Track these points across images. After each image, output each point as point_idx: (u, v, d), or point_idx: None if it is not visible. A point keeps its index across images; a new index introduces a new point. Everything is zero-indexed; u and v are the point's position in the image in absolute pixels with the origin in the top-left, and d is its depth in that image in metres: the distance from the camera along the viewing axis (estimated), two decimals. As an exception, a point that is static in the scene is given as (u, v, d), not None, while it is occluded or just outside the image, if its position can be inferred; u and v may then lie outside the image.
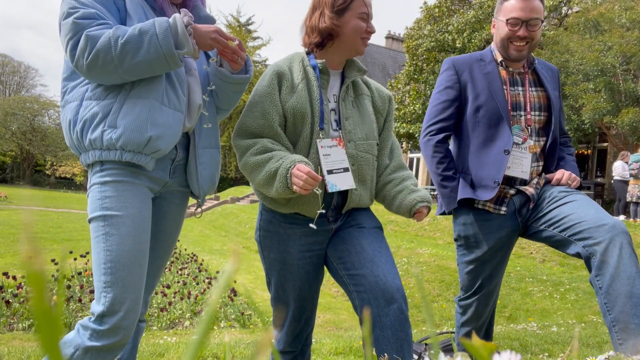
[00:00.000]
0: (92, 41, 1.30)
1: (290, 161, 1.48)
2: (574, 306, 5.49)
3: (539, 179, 1.94)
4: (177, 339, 3.90)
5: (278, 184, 1.49)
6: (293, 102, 1.60)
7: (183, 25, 1.35)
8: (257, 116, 1.60)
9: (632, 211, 9.69)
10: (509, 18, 1.87)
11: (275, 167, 1.49)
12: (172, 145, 1.45)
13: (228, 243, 13.74)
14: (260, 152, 1.55)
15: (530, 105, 1.92)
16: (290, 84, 1.63)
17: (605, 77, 11.30)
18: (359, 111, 1.71)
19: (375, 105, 1.79)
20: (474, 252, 1.96)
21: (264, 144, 1.56)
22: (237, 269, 0.22)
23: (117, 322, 1.34)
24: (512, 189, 1.92)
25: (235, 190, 27.61)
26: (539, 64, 2.00)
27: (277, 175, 1.49)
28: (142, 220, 1.41)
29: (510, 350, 0.37)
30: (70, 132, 1.41)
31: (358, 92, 1.75)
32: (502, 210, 1.91)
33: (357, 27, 1.59)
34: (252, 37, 41.20)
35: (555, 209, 1.79)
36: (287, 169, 1.47)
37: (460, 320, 2.14)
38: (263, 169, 1.52)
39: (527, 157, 1.90)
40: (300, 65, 1.66)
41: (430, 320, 0.39)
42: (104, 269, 1.35)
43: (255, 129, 1.60)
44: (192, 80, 1.53)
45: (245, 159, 1.58)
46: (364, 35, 1.61)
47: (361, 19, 1.59)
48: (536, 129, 1.93)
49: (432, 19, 16.39)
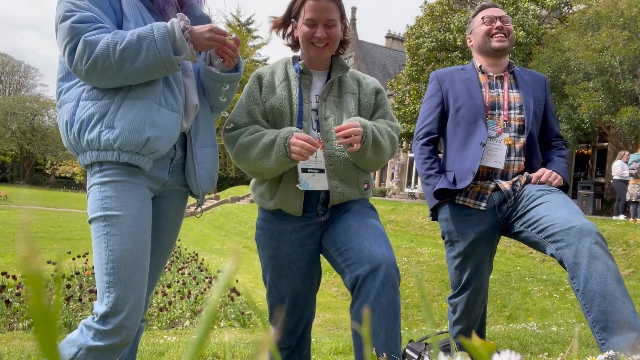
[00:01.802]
0: (91, 47, 1.29)
1: (288, 131, 1.56)
2: (574, 306, 5.49)
3: (520, 177, 2.00)
4: (177, 338, 3.91)
5: (277, 153, 1.55)
6: (272, 101, 1.68)
7: (180, 31, 1.35)
8: (243, 114, 1.70)
9: (632, 211, 9.69)
10: (483, 16, 2.12)
11: (272, 138, 1.57)
12: (170, 146, 1.45)
13: (228, 242, 13.74)
14: (254, 132, 1.64)
15: (509, 104, 2.06)
16: (270, 84, 1.72)
17: (603, 76, 11.32)
18: (340, 110, 1.71)
19: (361, 103, 1.78)
20: (457, 247, 2.05)
21: (255, 127, 1.66)
22: (237, 268, 0.22)
23: (120, 322, 1.34)
24: (491, 183, 2.00)
25: (235, 190, 27.61)
26: (521, 71, 2.16)
27: (274, 145, 1.56)
28: (143, 219, 1.41)
29: (510, 349, 0.37)
30: (68, 133, 1.40)
31: (343, 90, 1.75)
32: (481, 205, 1.99)
33: (303, 33, 1.67)
34: (252, 37, 41.19)
35: (532, 209, 1.83)
36: (286, 138, 1.54)
37: (452, 319, 2.21)
38: (259, 142, 1.59)
39: (502, 149, 2.00)
40: (283, 67, 1.76)
41: (430, 319, 0.39)
42: (106, 269, 1.35)
43: (242, 125, 1.69)
44: (189, 81, 1.53)
45: (240, 140, 1.64)
46: (312, 40, 1.65)
47: (307, 25, 1.65)
48: (516, 125, 2.04)
49: (433, 18, 16.37)
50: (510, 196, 1.97)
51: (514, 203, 1.96)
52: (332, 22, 1.64)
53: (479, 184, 2.02)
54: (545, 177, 1.94)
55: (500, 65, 2.11)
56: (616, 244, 7.22)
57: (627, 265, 6.60)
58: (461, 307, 2.12)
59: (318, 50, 1.67)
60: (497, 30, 2.06)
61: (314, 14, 1.63)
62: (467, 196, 2.02)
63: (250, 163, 1.63)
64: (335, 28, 1.66)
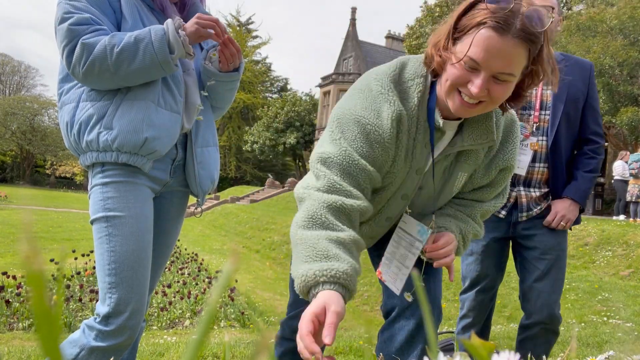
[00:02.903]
0: (88, 49, 1.29)
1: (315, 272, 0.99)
2: (574, 306, 5.49)
3: (543, 204, 1.98)
4: (177, 338, 3.90)
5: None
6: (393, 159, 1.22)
7: (174, 29, 1.35)
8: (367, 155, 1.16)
9: (632, 211, 9.68)
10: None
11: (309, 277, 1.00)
12: (169, 146, 1.44)
13: (228, 243, 13.74)
14: (308, 228, 1.06)
15: (541, 103, 1.95)
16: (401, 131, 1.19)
17: (603, 77, 11.34)
18: (441, 183, 1.31)
19: (473, 177, 1.32)
20: (470, 246, 2.08)
21: (327, 227, 1.06)
22: (237, 268, 0.22)
23: (122, 323, 1.34)
24: (513, 190, 1.98)
25: (235, 190, 27.62)
26: (562, 61, 1.94)
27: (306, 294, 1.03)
28: (145, 220, 1.41)
29: (509, 350, 0.37)
30: (68, 133, 1.41)
31: (462, 159, 1.27)
32: (501, 213, 2.00)
33: (454, 74, 1.06)
34: (252, 37, 41.10)
35: (527, 271, 2.03)
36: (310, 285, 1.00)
37: (460, 314, 2.24)
38: (300, 259, 1.03)
39: (527, 154, 1.93)
40: (415, 109, 1.17)
41: (429, 319, 0.39)
42: (108, 270, 1.35)
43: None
44: (190, 80, 1.52)
45: (294, 223, 1.10)
46: (462, 89, 1.07)
47: (465, 66, 1.04)
48: (545, 127, 1.94)
49: (433, 19, 16.39)
50: (522, 211, 1.98)
51: (524, 238, 2.01)
52: (506, 77, 1.03)
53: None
54: (555, 223, 1.95)
55: None
56: (616, 244, 7.21)
57: (627, 265, 6.60)
58: (468, 304, 2.16)
59: (464, 106, 1.08)
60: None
61: (482, 56, 1.01)
62: None
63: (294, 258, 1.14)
64: (507, 85, 1.05)
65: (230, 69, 1.54)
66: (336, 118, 1.18)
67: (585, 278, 6.35)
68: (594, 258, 7.08)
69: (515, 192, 1.98)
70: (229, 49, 1.49)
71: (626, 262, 6.70)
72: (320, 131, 29.34)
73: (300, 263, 1.02)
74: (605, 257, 7.00)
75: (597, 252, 7.24)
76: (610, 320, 4.78)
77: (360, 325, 5.97)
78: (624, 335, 4.00)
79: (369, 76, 1.21)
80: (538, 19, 1.00)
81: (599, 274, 6.57)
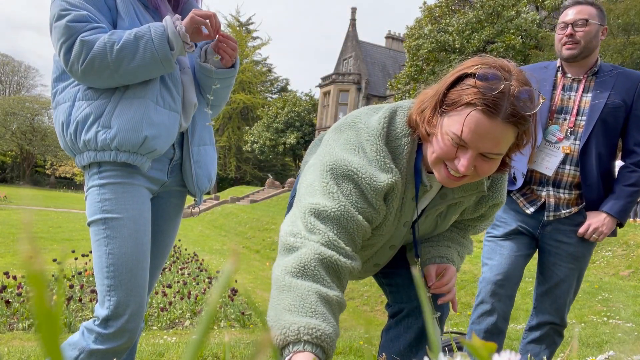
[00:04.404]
0: (88, 46, 1.28)
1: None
2: (574, 306, 5.49)
3: (573, 209, 2.01)
4: (177, 338, 3.90)
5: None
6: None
7: (173, 26, 1.35)
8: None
9: (632, 211, 9.69)
10: (560, 21, 2.04)
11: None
12: (168, 145, 1.43)
13: (228, 243, 13.74)
14: (298, 276, 1.01)
15: (579, 109, 1.99)
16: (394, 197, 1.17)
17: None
18: (437, 221, 1.32)
19: (465, 211, 1.34)
20: (495, 231, 2.15)
21: (312, 278, 1.01)
22: (237, 268, 0.22)
23: (122, 325, 1.33)
24: (543, 190, 2.02)
25: (235, 190, 27.62)
26: (610, 71, 2.00)
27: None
28: (143, 221, 1.40)
29: (510, 350, 0.37)
30: (64, 133, 1.39)
31: (459, 205, 1.29)
32: (529, 209, 2.05)
33: (441, 149, 1.05)
34: (251, 37, 41.09)
35: (547, 276, 2.10)
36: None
37: (475, 302, 2.20)
38: (284, 307, 0.96)
39: (557, 156, 1.98)
40: (403, 171, 1.16)
41: (429, 319, 0.39)
42: (107, 272, 1.34)
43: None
44: (186, 79, 1.51)
45: (281, 267, 1.04)
46: (448, 164, 1.07)
47: (452, 142, 1.02)
48: (578, 133, 1.98)
49: (433, 19, 16.39)
50: (549, 209, 2.01)
51: (550, 241, 2.06)
52: (493, 156, 1.03)
53: (533, 189, 2.05)
54: (589, 235, 1.98)
55: (580, 66, 2.02)
56: (616, 244, 7.22)
57: (627, 265, 6.60)
58: (482, 295, 2.11)
59: (450, 179, 1.08)
60: (567, 39, 1.98)
61: (470, 137, 1.00)
62: (522, 196, 2.07)
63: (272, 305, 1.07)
64: (493, 162, 1.05)
65: (231, 63, 1.54)
66: (329, 168, 1.11)
67: (585, 278, 6.35)
68: (594, 258, 7.08)
69: (544, 192, 2.02)
70: (228, 44, 1.48)
71: (626, 262, 6.70)
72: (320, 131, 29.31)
73: (284, 312, 0.95)
74: (605, 257, 7.00)
75: (597, 252, 7.24)
76: (610, 321, 4.78)
77: (360, 325, 5.97)
78: (624, 335, 4.00)
79: (360, 133, 1.13)
80: (529, 100, 0.98)
81: (599, 274, 6.57)
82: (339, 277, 1.06)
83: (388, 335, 1.48)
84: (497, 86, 0.97)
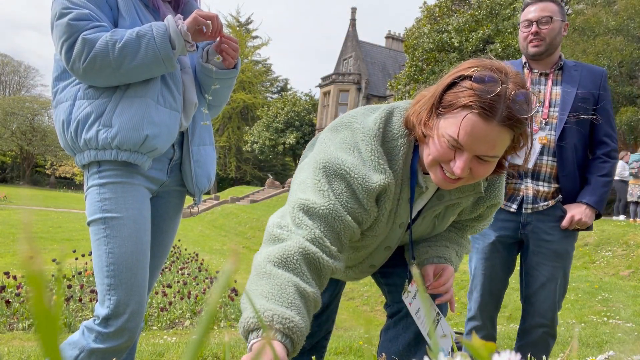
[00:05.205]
0: (90, 45, 1.28)
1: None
2: (574, 306, 5.49)
3: (550, 200, 2.01)
4: (177, 338, 3.90)
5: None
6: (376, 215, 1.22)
7: (175, 25, 1.35)
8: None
9: (632, 211, 9.68)
10: (523, 19, 2.06)
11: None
12: (169, 144, 1.44)
13: (228, 243, 13.74)
14: (279, 266, 1.01)
15: (550, 101, 2.03)
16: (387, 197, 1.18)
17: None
18: (434, 222, 1.32)
19: (462, 212, 1.35)
20: (475, 244, 2.13)
21: (293, 270, 1.01)
22: (237, 268, 0.22)
23: (122, 325, 1.34)
24: (521, 184, 2.02)
25: (235, 190, 27.62)
26: (574, 66, 2.07)
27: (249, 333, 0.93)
28: (143, 221, 1.41)
29: (510, 350, 0.37)
30: (64, 132, 1.39)
31: (457, 206, 1.30)
32: (512, 207, 2.03)
33: (437, 151, 1.05)
34: (251, 37, 41.11)
35: (533, 277, 2.06)
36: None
37: (467, 315, 2.25)
38: (261, 292, 0.97)
39: (534, 147, 1.99)
40: (398, 175, 1.16)
41: (429, 319, 0.39)
42: (107, 271, 1.34)
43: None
44: (187, 78, 1.52)
45: (264, 255, 1.04)
46: (444, 166, 1.07)
47: (449, 145, 1.03)
48: (553, 123, 2.01)
49: (432, 19, 16.40)
50: (528, 203, 2.01)
51: (531, 242, 2.04)
52: (489, 158, 1.04)
53: (510, 184, 2.03)
54: (572, 226, 1.99)
55: (546, 62, 2.06)
56: (616, 244, 7.22)
57: (627, 265, 6.60)
58: (474, 305, 2.16)
59: (446, 181, 1.08)
60: (532, 37, 2.02)
61: (466, 140, 1.00)
62: None
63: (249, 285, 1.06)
64: (489, 165, 1.05)
65: (233, 64, 1.54)
66: (322, 166, 1.11)
67: (585, 278, 6.35)
68: (594, 258, 7.08)
69: (522, 185, 2.02)
70: (230, 45, 1.49)
71: (626, 262, 6.70)
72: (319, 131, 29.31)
73: (260, 297, 0.95)
74: (605, 257, 7.00)
75: (597, 252, 7.25)
76: (610, 321, 4.78)
77: (360, 325, 5.97)
78: (624, 335, 4.00)
79: (356, 133, 1.13)
80: (525, 103, 0.98)
81: (599, 274, 6.57)
82: (319, 275, 1.06)
83: (387, 335, 1.48)
84: (493, 89, 0.96)
